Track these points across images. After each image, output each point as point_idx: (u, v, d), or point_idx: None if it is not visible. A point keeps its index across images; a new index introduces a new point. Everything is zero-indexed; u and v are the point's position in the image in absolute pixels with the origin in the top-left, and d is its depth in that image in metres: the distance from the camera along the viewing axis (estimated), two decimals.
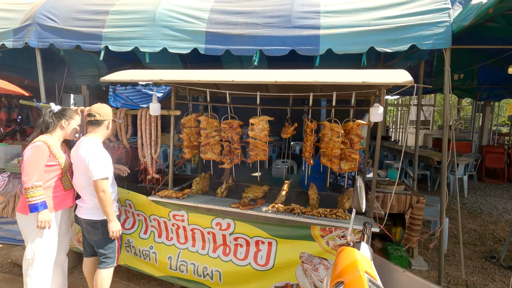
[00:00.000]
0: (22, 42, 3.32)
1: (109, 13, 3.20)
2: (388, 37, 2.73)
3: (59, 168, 2.31)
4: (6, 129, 6.61)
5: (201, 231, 2.65)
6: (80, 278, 2.96)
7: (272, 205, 2.48)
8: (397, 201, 3.41)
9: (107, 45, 3.12)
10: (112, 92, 6.99)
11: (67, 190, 2.40)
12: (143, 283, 3.00)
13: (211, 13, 3.05)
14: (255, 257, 2.51)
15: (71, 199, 2.47)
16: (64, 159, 2.37)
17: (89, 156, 2.20)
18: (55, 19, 3.25)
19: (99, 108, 2.38)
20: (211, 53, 2.99)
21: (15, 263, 3.20)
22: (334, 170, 2.52)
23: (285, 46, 2.89)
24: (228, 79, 2.23)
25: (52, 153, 2.26)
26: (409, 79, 1.93)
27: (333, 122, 2.45)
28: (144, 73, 2.58)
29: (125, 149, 3.07)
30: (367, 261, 1.22)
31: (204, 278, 2.66)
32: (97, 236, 2.38)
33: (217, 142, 2.79)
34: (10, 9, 3.52)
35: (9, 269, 3.15)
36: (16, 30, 3.33)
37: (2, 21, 3.40)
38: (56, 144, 2.35)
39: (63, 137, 2.46)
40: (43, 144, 2.23)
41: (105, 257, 2.41)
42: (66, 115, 2.44)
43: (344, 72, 2.18)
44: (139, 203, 2.84)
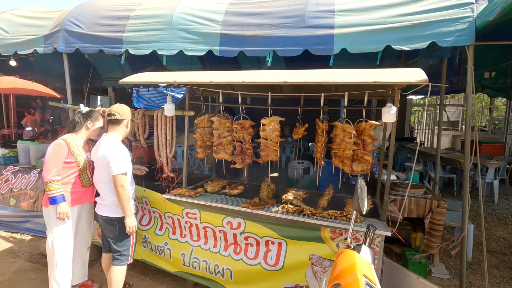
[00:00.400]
0: (51, 47, 3.54)
1: (129, 18, 3.34)
2: (405, 34, 2.64)
3: (77, 166, 2.45)
4: (40, 129, 7.11)
5: (213, 230, 2.70)
6: (100, 271, 3.12)
7: (282, 206, 2.48)
8: (416, 205, 3.28)
9: (128, 48, 3.26)
10: (136, 93, 7.28)
11: (85, 187, 2.54)
12: (158, 278, 3.10)
13: (226, 15, 3.09)
14: (265, 257, 2.52)
15: (89, 195, 2.62)
16: (83, 157, 2.51)
17: (109, 153, 2.31)
18: (80, 25, 3.44)
19: (119, 108, 2.50)
20: (225, 54, 3.03)
21: (42, 254, 3.42)
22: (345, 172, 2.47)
23: (299, 46, 2.87)
24: (238, 80, 2.26)
25: (70, 151, 2.41)
26: (423, 78, 1.85)
27: (345, 123, 2.40)
28: (159, 75, 2.67)
29: (143, 148, 3.19)
30: (366, 264, 1.19)
31: (215, 275, 2.71)
32: (113, 233, 2.48)
33: (229, 142, 2.83)
34: (41, 17, 3.77)
35: (37, 259, 3.39)
36: (46, 36, 3.57)
37: (34, 28, 3.65)
38: (78, 143, 2.51)
39: (87, 137, 2.63)
40: (62, 142, 2.39)
41: (120, 254, 2.50)
42: (92, 117, 2.61)
43: (355, 72, 2.13)
44: (155, 201, 2.95)
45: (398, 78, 1.92)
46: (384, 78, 1.94)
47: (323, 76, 2.07)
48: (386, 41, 2.66)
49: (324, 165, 2.56)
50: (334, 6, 2.89)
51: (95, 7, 3.63)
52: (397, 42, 2.65)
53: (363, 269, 1.12)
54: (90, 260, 2.93)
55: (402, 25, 2.64)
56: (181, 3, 3.28)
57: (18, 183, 3.86)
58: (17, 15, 3.89)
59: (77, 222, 2.62)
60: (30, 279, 3.02)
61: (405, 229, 4.02)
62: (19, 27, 3.75)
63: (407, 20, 2.64)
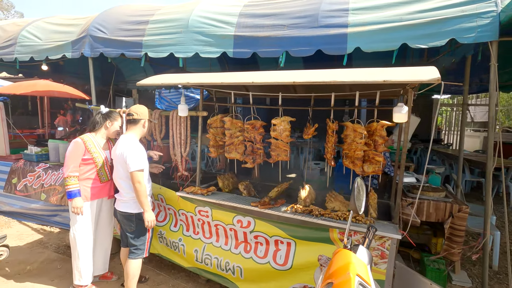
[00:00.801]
0: (78, 52, 3.78)
1: (148, 23, 3.49)
2: (422, 32, 2.55)
3: (93, 162, 2.61)
4: (71, 129, 7.57)
5: (224, 227, 2.76)
6: (119, 264, 3.27)
7: (291, 206, 2.48)
8: (435, 208, 3.14)
9: (147, 52, 3.41)
10: (158, 94, 7.56)
11: (103, 182, 2.70)
12: (173, 273, 3.21)
13: (240, 17, 3.14)
14: (274, 256, 2.54)
15: (107, 191, 2.77)
16: (100, 155, 2.67)
17: (126, 151, 2.43)
18: (104, 31, 3.64)
19: (137, 108, 2.63)
20: (239, 56, 3.08)
21: (68, 245, 3.63)
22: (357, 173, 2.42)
23: (312, 46, 2.86)
24: (248, 81, 2.30)
25: (87, 149, 2.58)
26: (435, 76, 1.79)
27: (356, 123, 2.36)
28: (173, 77, 2.77)
29: (160, 147, 3.31)
30: (362, 264, 1.17)
31: (226, 272, 2.76)
32: (131, 228, 2.60)
33: (241, 142, 2.87)
34: (70, 23, 4.03)
35: (63, 251, 3.62)
36: (74, 42, 3.81)
37: (63, 35, 3.91)
38: (97, 142, 2.67)
39: (107, 136, 2.78)
40: (80, 140, 2.56)
41: (136, 248, 2.61)
42: (111, 117, 2.77)
43: (364, 71, 2.10)
44: (169, 198, 3.06)
45: (409, 77, 1.87)
46: (394, 77, 1.89)
47: (331, 76, 2.05)
48: (402, 39, 2.59)
49: (334, 165, 2.53)
50: (348, 5, 2.85)
51: (117, 13, 3.82)
52: (413, 40, 2.57)
53: (357, 269, 1.11)
54: (111, 254, 3.09)
55: (420, 22, 2.56)
56: (197, 7, 3.37)
57: (48, 179, 4.14)
58: (49, 23, 4.19)
59: (97, 216, 2.78)
60: (56, 269, 3.24)
61: (425, 234, 3.86)
62: (50, 34, 4.03)
63: (425, 17, 2.55)
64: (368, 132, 2.37)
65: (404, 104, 2.07)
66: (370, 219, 2.24)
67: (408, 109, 2.11)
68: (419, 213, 3.15)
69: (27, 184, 4.25)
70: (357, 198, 1.40)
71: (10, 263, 3.28)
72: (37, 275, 3.10)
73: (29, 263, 3.33)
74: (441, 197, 3.21)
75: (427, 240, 3.81)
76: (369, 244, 1.36)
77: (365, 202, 1.47)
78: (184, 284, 3.02)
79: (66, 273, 3.09)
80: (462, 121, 3.59)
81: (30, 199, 4.27)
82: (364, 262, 1.20)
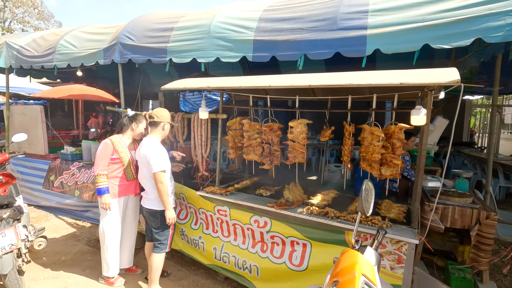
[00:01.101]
0: (109, 59, 4.04)
1: (173, 29, 3.66)
2: (446, 32, 2.48)
3: (120, 162, 2.79)
4: (102, 130, 8.05)
5: (241, 227, 2.83)
6: (143, 258, 3.46)
7: (307, 207, 2.50)
8: (460, 215, 3.02)
9: (171, 57, 3.58)
10: (182, 97, 7.84)
11: (129, 180, 2.88)
12: (193, 269, 3.34)
13: (259, 22, 3.21)
14: (290, 257, 2.57)
15: (133, 188, 2.95)
16: (127, 155, 2.85)
17: (149, 152, 2.59)
18: (132, 38, 3.87)
19: (158, 111, 2.79)
20: (258, 60, 3.15)
21: (98, 239, 3.90)
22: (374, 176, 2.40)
23: (330, 49, 2.86)
24: (265, 84, 2.36)
25: (115, 149, 2.77)
26: (454, 78, 1.75)
27: (373, 126, 2.34)
28: (195, 81, 2.90)
29: (182, 148, 3.47)
30: (369, 265, 1.19)
31: (243, 271, 2.84)
32: (156, 224, 2.76)
33: (259, 144, 2.94)
34: (102, 32, 4.32)
35: (94, 244, 3.88)
36: (105, 50, 4.07)
37: (96, 43, 4.20)
38: (124, 143, 2.86)
39: (133, 137, 2.97)
40: (108, 141, 2.77)
41: (160, 243, 2.77)
42: (137, 119, 2.96)
43: (381, 73, 2.08)
44: (190, 197, 3.19)
45: (427, 79, 1.84)
46: (412, 80, 1.87)
47: (347, 79, 2.06)
48: (424, 40, 2.53)
49: (350, 168, 2.52)
50: (368, 6, 2.83)
51: (145, 21, 4.04)
52: (436, 40, 2.51)
53: (363, 269, 1.13)
54: (135, 249, 3.28)
55: (443, 22, 2.49)
56: (219, 13, 3.49)
57: (82, 177, 4.45)
58: (83, 32, 4.51)
59: (124, 212, 2.97)
60: (87, 260, 3.49)
61: (451, 241, 3.70)
62: (85, 42, 4.34)
63: (449, 17, 2.48)
64: (386, 135, 2.34)
65: (423, 107, 2.03)
66: (387, 223, 2.21)
67: (427, 111, 2.07)
68: (443, 219, 3.04)
69: (63, 181, 4.60)
70: (365, 200, 1.41)
71: (47, 253, 3.57)
72: (70, 265, 3.35)
73: (64, 254, 3.61)
74: (468, 203, 3.08)
75: (453, 248, 3.65)
76: (377, 246, 1.36)
77: (373, 204, 1.47)
78: (203, 281, 3.13)
79: (96, 264, 3.31)
80: (491, 123, 3.43)
81: (65, 195, 4.62)
82: (371, 263, 1.22)
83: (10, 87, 5.87)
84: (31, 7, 24.84)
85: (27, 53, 4.72)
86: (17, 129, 5.11)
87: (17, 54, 4.81)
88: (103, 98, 7.37)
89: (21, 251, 2.72)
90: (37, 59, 4.61)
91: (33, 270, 3.21)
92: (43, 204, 5.03)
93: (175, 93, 8.09)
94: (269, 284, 2.70)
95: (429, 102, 2.14)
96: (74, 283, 3.02)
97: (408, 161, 3.35)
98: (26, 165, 5.23)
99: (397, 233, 2.11)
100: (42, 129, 5.08)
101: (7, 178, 3.28)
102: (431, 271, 3.34)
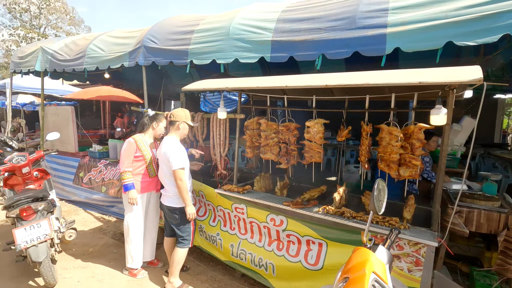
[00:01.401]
0: (134, 61, 4.23)
1: (194, 32, 3.77)
2: (470, 28, 2.40)
3: (143, 159, 2.93)
4: (127, 130, 8.40)
5: (258, 225, 2.88)
6: (164, 252, 3.59)
7: (323, 207, 2.51)
8: (486, 219, 2.89)
9: (192, 59, 3.69)
10: (203, 98, 8.01)
11: (152, 177, 3.02)
12: (211, 265, 3.43)
13: (277, 22, 3.25)
14: (306, 256, 2.58)
15: (155, 185, 3.09)
16: (149, 153, 3.00)
17: (168, 150, 2.69)
18: (155, 41, 4.03)
19: (175, 111, 2.89)
20: (276, 60, 3.18)
21: (123, 233, 4.11)
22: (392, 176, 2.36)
23: (348, 48, 2.85)
24: (281, 85, 2.39)
25: (138, 147, 2.92)
26: (476, 77, 1.70)
27: (392, 125, 2.31)
28: (213, 82, 2.98)
29: (201, 147, 3.57)
30: (380, 263, 1.19)
31: (259, 268, 2.88)
32: (176, 221, 2.85)
33: (276, 143, 2.98)
34: (127, 36, 4.53)
35: (118, 238, 4.09)
36: (131, 53, 4.27)
37: (122, 46, 4.41)
38: (146, 141, 3.01)
39: (154, 136, 3.11)
40: (132, 140, 2.92)
41: (183, 238, 2.86)
42: (157, 119, 3.09)
43: (398, 73, 2.05)
44: (209, 194, 3.28)
45: (447, 78, 1.79)
46: (431, 79, 1.84)
47: (364, 79, 2.05)
48: (447, 37, 2.45)
49: (368, 168, 2.49)
50: (388, 4, 2.79)
51: (168, 25, 4.20)
52: (460, 37, 2.43)
53: (374, 267, 1.13)
54: (157, 243, 3.43)
55: (467, 18, 2.41)
56: (239, 15, 3.56)
57: (108, 173, 4.70)
58: (110, 36, 4.76)
59: (146, 207, 3.12)
60: (112, 253, 3.69)
61: (477, 247, 3.54)
62: (111, 46, 4.57)
63: (474, 13, 2.39)
64: (405, 135, 2.29)
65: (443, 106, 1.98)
66: (405, 224, 2.17)
67: (448, 111, 2.01)
68: (467, 223, 2.92)
69: (91, 178, 4.87)
70: (377, 199, 1.41)
71: (77, 245, 3.81)
72: (97, 257, 3.56)
73: (91, 246, 3.83)
74: (495, 207, 2.94)
75: (479, 254, 3.50)
76: (390, 245, 1.36)
77: (385, 203, 1.46)
78: (221, 276, 3.21)
79: (121, 256, 3.49)
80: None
81: (93, 191, 4.89)
82: (382, 261, 1.22)
83: (45, 89, 6.29)
84: (63, 13, 26.36)
85: (60, 57, 5.05)
86: (50, 129, 5.47)
87: (51, 58, 5.15)
88: (128, 99, 7.68)
89: (54, 241, 2.94)
90: (68, 62, 4.92)
91: (64, 260, 3.44)
92: (73, 199, 5.35)
93: (196, 94, 8.29)
94: (285, 282, 2.73)
95: (451, 101, 2.08)
96: (100, 273, 3.20)
97: (428, 162, 3.25)
98: (59, 162, 5.59)
99: (415, 235, 2.07)
100: (73, 129, 5.40)
101: (42, 174, 3.54)
102: (455, 277, 3.22)
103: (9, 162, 3.20)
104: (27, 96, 9.43)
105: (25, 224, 2.76)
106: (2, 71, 25.52)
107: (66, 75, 6.13)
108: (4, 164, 3.19)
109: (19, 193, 3.02)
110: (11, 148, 5.42)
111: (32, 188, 3.26)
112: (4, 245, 2.88)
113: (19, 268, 3.20)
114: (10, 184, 3.32)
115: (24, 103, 9.07)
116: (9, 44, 25.04)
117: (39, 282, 2.99)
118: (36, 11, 25.27)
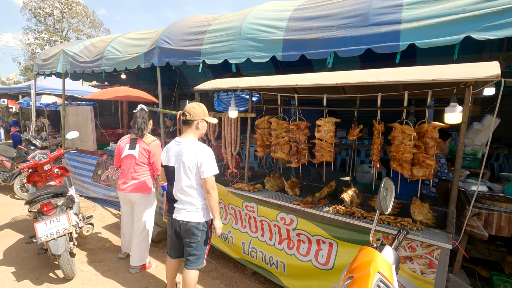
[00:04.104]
0: (149, 62, 4.33)
1: (206, 32, 3.82)
2: (490, 22, 2.30)
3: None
4: None
5: (268, 223, 2.89)
6: (161, 251, 3.68)
7: (334, 207, 2.48)
8: (508, 222, 2.77)
9: (204, 59, 3.74)
10: (216, 97, 8.10)
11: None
12: (223, 262, 3.47)
13: (289, 21, 3.23)
14: (316, 255, 2.57)
15: None
16: None
17: (200, 156, 2.23)
18: (169, 42, 4.11)
19: (190, 108, 2.35)
20: (287, 59, 3.17)
21: None
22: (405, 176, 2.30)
23: (360, 45, 2.80)
24: (292, 84, 2.39)
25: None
26: (493, 73, 1.63)
27: (404, 124, 2.25)
28: (225, 82, 3.01)
29: (213, 146, 3.62)
30: (386, 263, 1.16)
31: (270, 266, 2.89)
32: (196, 239, 2.34)
33: (286, 142, 2.97)
34: (143, 37, 4.65)
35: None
36: (146, 54, 4.38)
37: (137, 48, 4.53)
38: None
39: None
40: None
41: (197, 258, 2.39)
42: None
43: (411, 70, 2.00)
44: (220, 193, 3.31)
45: (462, 74, 1.73)
46: (445, 76, 1.78)
47: (375, 76, 2.02)
48: (466, 31, 2.37)
49: (380, 167, 2.44)
50: (403, 0, 2.72)
51: (182, 25, 4.27)
52: (479, 31, 2.34)
53: (379, 267, 1.12)
54: (153, 242, 3.54)
55: (487, 12, 2.32)
56: (250, 14, 3.58)
57: None
58: (127, 38, 4.89)
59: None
60: None
61: (498, 251, 3.40)
62: (128, 48, 4.71)
63: (494, 6, 2.30)
64: (418, 134, 2.23)
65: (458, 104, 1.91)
66: (418, 225, 2.12)
67: (464, 109, 1.94)
68: (487, 226, 2.81)
69: (109, 175, 5.03)
70: (383, 198, 1.38)
71: (94, 239, 3.96)
72: (113, 251, 3.68)
73: (108, 241, 3.96)
74: None
75: (500, 258, 3.36)
76: (397, 245, 1.33)
77: (392, 202, 1.43)
78: (232, 274, 3.24)
79: None
80: None
81: (110, 188, 5.05)
82: (388, 261, 1.19)
83: (66, 90, 6.55)
84: (84, 17, 27.34)
85: (80, 59, 5.25)
86: (71, 128, 5.70)
87: (72, 60, 5.36)
88: (144, 99, 7.87)
89: (72, 235, 3.07)
90: (88, 64, 5.11)
91: (81, 253, 3.58)
92: (92, 195, 5.55)
93: (210, 93, 8.39)
94: (295, 281, 2.72)
95: (467, 98, 2.01)
96: (116, 268, 3.31)
97: (444, 164, 3.14)
98: (78, 160, 5.81)
99: (427, 236, 2.02)
100: (92, 128, 5.60)
101: (62, 171, 3.69)
102: (473, 282, 3.10)
103: (31, 160, 3.37)
104: (50, 96, 9.85)
105: (46, 218, 2.90)
106: (28, 73, 26.79)
107: (85, 76, 6.36)
108: (27, 162, 3.36)
109: (40, 189, 3.17)
110: (35, 146, 5.70)
111: (53, 185, 3.41)
112: (27, 239, 3.03)
113: (41, 260, 3.36)
114: (33, 180, 3.49)
115: (47, 103, 9.48)
116: (34, 47, 26.29)
117: (58, 274, 3.12)
118: (59, 15, 26.36)
